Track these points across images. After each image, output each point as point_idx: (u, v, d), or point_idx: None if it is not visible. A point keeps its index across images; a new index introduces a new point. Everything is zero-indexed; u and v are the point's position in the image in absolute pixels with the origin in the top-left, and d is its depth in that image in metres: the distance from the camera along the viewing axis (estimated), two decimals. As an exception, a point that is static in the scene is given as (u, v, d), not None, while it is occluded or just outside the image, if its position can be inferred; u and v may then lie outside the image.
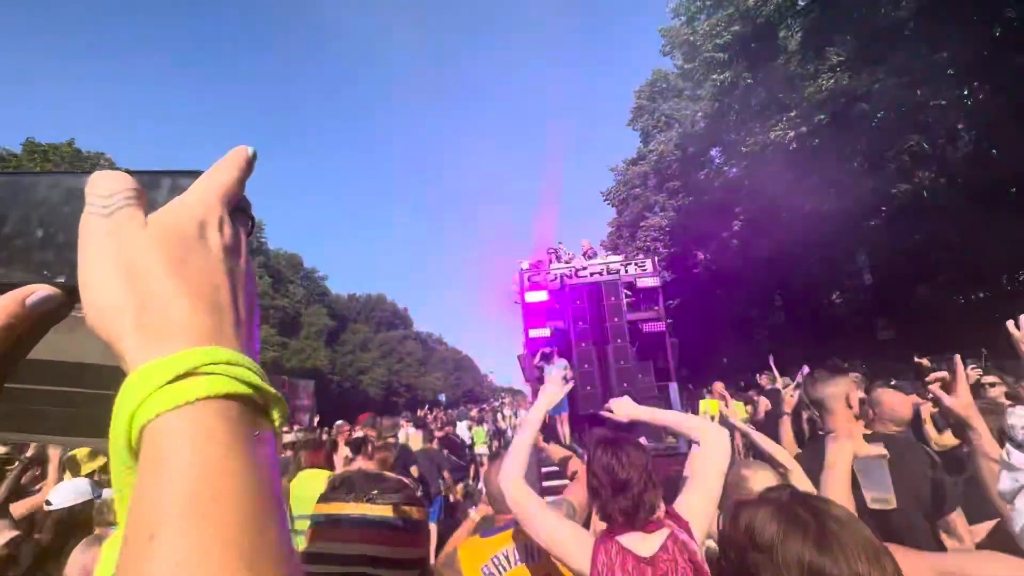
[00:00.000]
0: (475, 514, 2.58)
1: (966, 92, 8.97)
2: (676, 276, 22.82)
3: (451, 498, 6.80)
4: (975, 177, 14.00)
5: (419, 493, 1.34)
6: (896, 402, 2.55)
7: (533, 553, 1.69)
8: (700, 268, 21.93)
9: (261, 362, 0.30)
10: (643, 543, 1.39)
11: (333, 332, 43.64)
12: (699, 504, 1.49)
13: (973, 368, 4.44)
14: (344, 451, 4.94)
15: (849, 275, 22.20)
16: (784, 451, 2.11)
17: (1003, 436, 1.39)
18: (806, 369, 4.46)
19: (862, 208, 15.98)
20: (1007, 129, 9.98)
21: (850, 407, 2.00)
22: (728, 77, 13.66)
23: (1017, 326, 1.59)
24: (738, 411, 6.22)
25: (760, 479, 1.79)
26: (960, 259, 15.57)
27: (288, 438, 6.80)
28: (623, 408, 1.91)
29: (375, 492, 1.04)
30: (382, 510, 1.02)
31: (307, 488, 3.36)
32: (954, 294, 18.80)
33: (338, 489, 1.07)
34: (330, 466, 3.95)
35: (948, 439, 3.35)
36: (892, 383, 2.98)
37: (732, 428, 2.69)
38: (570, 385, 2.03)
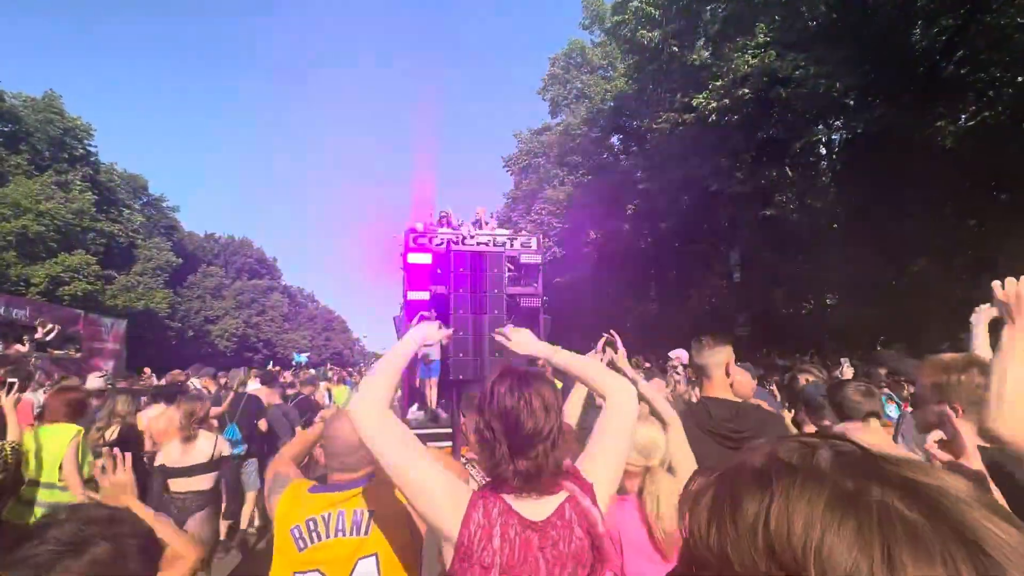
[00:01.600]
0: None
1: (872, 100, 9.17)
2: (566, 253, 22.59)
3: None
4: (841, 201, 15.21)
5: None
6: (744, 381, 2.90)
7: (361, 525, 1.49)
8: (590, 248, 21.88)
9: (69, 293, 0.25)
10: (535, 505, 1.17)
11: (179, 272, 37.44)
12: (605, 464, 1.29)
13: (848, 367, 5.11)
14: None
15: (719, 273, 23.84)
16: (666, 403, 2.02)
17: None
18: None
19: (750, 202, 16.70)
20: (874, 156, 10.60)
21: (728, 375, 2.21)
22: (656, 37, 13.07)
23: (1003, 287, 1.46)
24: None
25: (643, 434, 1.72)
26: (812, 272, 17.13)
27: (96, 383, 6.31)
28: (521, 340, 1.63)
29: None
30: None
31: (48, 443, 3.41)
32: (800, 303, 20.96)
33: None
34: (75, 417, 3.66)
35: None
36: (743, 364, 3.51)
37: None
38: (445, 333, 1.68)
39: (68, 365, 12.21)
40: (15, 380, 3.52)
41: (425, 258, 9.54)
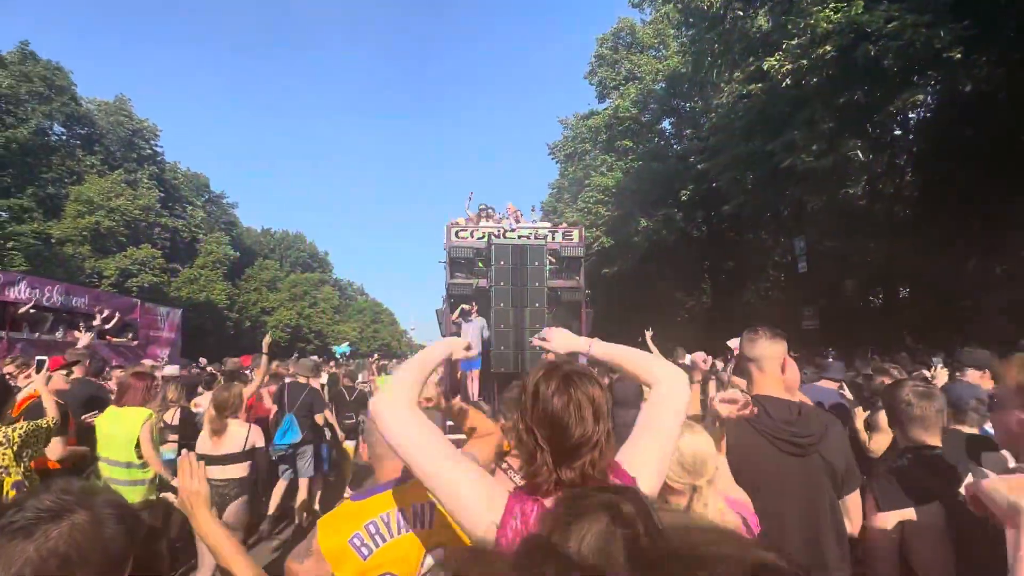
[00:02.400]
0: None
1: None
2: (616, 242, 21.59)
3: (334, 453, 6.56)
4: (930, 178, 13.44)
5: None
6: (795, 377, 2.52)
7: (424, 517, 1.39)
8: (640, 237, 20.78)
9: (137, 285, 0.27)
10: None
11: (237, 265, 39.04)
12: (649, 458, 1.16)
13: (942, 368, 4.28)
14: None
15: (774, 264, 22.11)
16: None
17: None
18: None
19: (824, 180, 15.20)
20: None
21: (782, 372, 2.03)
22: (717, 1, 11.86)
23: None
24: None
25: (690, 447, 1.50)
26: (884, 262, 15.44)
27: (170, 370, 6.74)
28: (560, 339, 1.54)
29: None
30: None
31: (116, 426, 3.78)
32: (873, 295, 19.10)
33: None
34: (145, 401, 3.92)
35: (879, 444, 3.44)
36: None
37: None
38: (469, 353, 1.52)
39: (125, 352, 12.60)
40: (75, 361, 3.92)
41: (467, 252, 9.64)
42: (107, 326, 12.21)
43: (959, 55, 7.36)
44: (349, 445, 6.74)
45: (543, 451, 1.05)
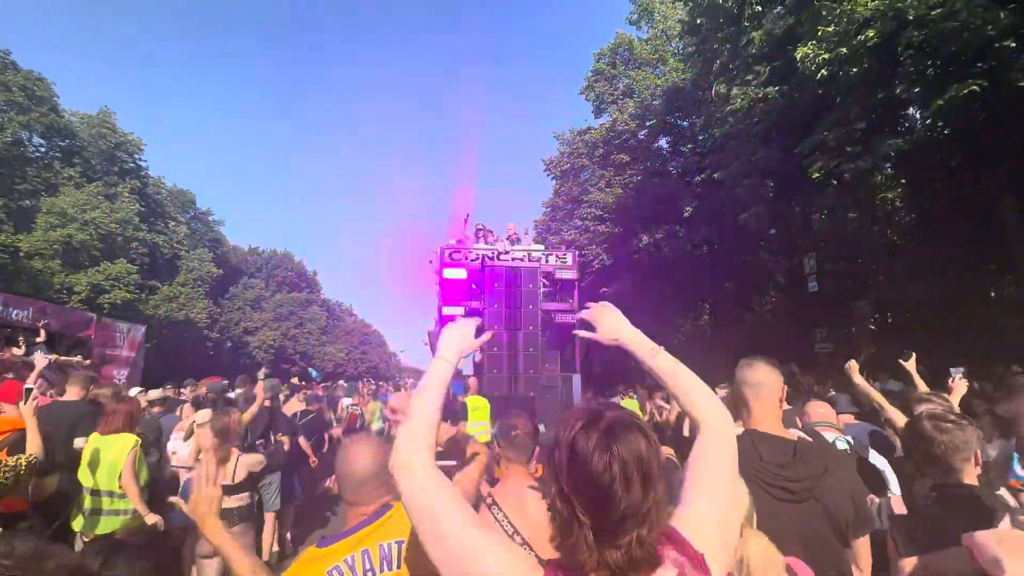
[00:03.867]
0: None
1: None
2: (615, 260, 20.67)
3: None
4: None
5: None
6: (825, 414, 3.03)
7: (390, 558, 1.34)
8: (641, 254, 19.89)
9: (109, 301, 0.27)
10: None
11: (220, 284, 37.64)
12: (710, 522, 0.96)
13: (961, 379, 3.77)
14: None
15: (775, 285, 21.26)
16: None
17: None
18: None
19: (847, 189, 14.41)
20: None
21: (781, 403, 1.96)
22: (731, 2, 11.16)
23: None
24: (632, 408, 5.39)
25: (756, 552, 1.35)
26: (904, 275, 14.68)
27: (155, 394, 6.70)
28: (610, 323, 1.32)
29: None
30: None
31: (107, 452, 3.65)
32: (889, 313, 18.25)
33: None
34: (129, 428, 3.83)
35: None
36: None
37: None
38: (484, 336, 1.38)
39: (76, 373, 11.25)
40: (32, 388, 3.43)
41: (460, 273, 9.58)
42: (40, 339, 10.82)
43: (1013, 43, 6.53)
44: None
45: (581, 525, 0.87)
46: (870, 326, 18.49)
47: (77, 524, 3.51)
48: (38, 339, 10.40)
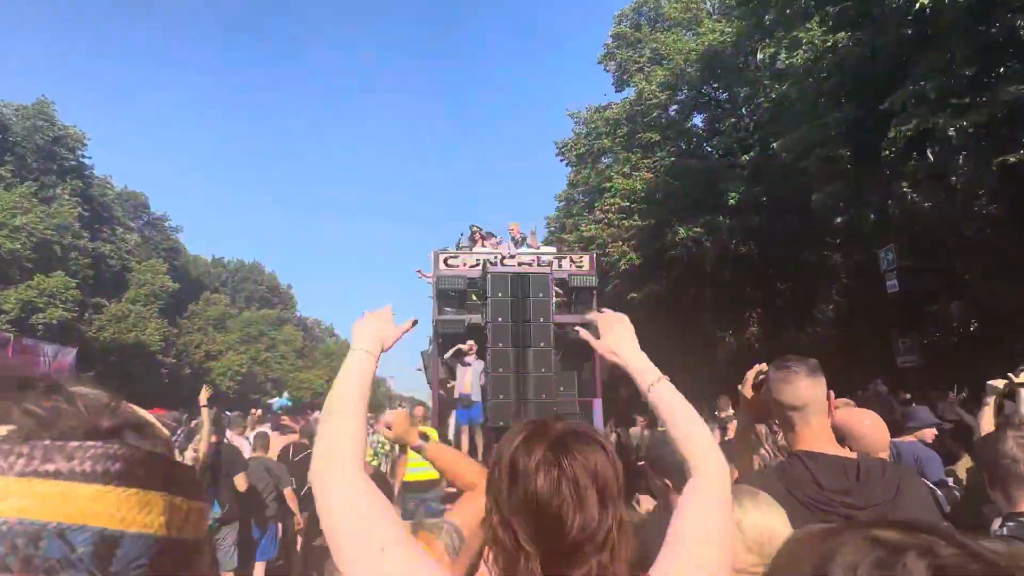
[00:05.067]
0: None
1: None
2: (646, 259, 17.66)
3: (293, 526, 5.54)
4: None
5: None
6: (878, 428, 2.53)
7: None
8: (677, 251, 16.95)
9: (43, 322, 0.24)
10: None
11: (178, 300, 33.41)
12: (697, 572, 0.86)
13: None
14: None
15: (843, 288, 18.62)
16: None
17: None
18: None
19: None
20: None
21: (829, 415, 1.68)
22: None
23: None
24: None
25: (758, 523, 1.19)
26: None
27: None
28: (615, 333, 1.14)
29: None
30: None
31: None
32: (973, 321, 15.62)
33: None
34: None
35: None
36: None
37: None
38: (408, 323, 1.21)
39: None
40: None
41: (457, 283, 8.71)
42: None
43: None
44: None
45: (526, 553, 0.78)
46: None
47: None
48: None
